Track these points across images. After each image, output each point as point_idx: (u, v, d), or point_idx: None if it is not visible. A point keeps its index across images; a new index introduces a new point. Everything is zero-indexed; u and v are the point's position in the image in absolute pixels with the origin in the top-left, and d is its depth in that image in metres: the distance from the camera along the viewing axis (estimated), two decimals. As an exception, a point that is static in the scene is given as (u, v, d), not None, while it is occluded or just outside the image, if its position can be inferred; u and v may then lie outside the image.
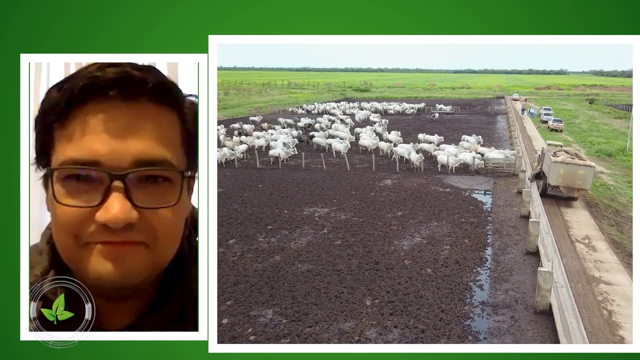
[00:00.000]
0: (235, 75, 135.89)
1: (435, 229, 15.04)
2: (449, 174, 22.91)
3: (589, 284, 11.41)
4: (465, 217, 16.30)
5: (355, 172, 23.75)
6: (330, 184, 21.07)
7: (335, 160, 26.68)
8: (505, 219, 16.32)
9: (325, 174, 23.31)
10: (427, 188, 20.38)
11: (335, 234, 14.53)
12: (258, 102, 68.75)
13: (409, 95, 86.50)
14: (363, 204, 17.87)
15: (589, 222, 16.27)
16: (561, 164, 17.48)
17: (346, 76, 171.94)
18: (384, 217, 16.17)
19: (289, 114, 53.59)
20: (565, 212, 17.30)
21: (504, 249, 13.47)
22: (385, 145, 27.89)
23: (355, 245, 13.58)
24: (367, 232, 14.67)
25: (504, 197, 19.14)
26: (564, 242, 14.17)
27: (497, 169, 23.11)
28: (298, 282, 11.20)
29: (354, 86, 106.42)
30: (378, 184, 21.19)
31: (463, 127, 41.32)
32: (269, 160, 25.82)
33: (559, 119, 42.37)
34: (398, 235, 14.41)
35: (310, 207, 17.53)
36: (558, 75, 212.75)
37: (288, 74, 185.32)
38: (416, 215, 16.35)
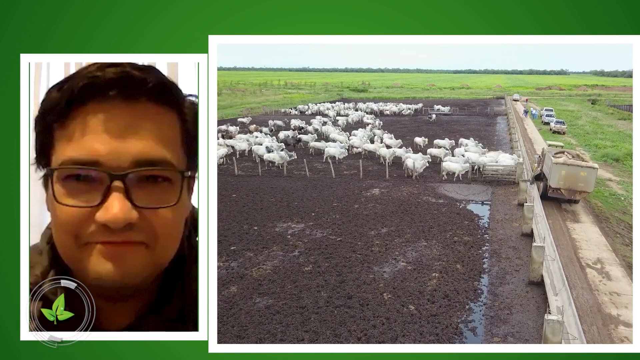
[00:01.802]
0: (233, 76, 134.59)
1: (423, 250, 13.27)
2: (443, 182, 21.30)
3: (606, 326, 9.63)
4: (459, 234, 14.56)
5: (341, 179, 22.04)
6: (312, 194, 19.35)
7: (321, 166, 24.67)
8: (504, 237, 14.54)
9: (307, 181, 21.56)
10: (418, 199, 18.70)
11: (306, 257, 12.74)
12: (251, 102, 66.96)
13: (407, 96, 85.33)
14: (344, 218, 16.15)
15: (600, 240, 14.54)
16: (562, 165, 16.88)
17: (345, 76, 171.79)
18: (366, 235, 14.47)
19: (281, 115, 51.85)
20: (572, 228, 15.58)
21: (503, 277, 11.72)
22: (387, 152, 25.03)
23: (327, 272, 11.78)
24: (343, 254, 12.93)
25: (503, 210, 17.48)
26: (573, 267, 12.49)
27: (496, 177, 21.66)
28: (250, 325, 9.34)
29: (351, 86, 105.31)
30: (364, 193, 19.47)
31: (461, 129, 39.64)
32: (250, 166, 24.09)
33: (561, 121, 41.17)
34: (379, 259, 12.60)
35: (284, 221, 15.81)
36: (559, 76, 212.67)
37: (288, 74, 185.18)
38: (403, 233, 14.60)
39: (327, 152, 25.93)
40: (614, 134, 38.53)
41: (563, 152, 18.61)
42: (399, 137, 31.63)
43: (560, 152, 18.58)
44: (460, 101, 74.68)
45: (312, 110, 56.13)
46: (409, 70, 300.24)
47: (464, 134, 34.71)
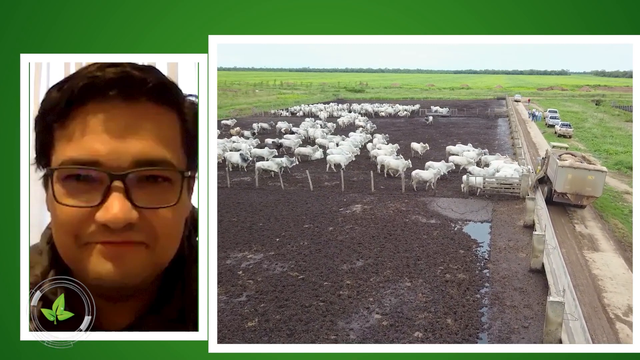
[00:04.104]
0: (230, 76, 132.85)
1: (406, 294, 10.59)
2: (436, 196, 18.73)
3: None
4: (452, 270, 11.86)
5: (319, 192, 19.31)
6: (282, 212, 16.72)
7: (300, 175, 21.69)
8: (508, 273, 11.82)
9: (281, 195, 18.91)
10: (406, 217, 15.93)
11: (253, 306, 10.07)
12: (242, 103, 63.99)
13: (405, 96, 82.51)
14: (313, 245, 13.44)
15: (627, 277, 11.73)
16: (569, 168, 15.85)
17: (344, 77, 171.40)
18: (336, 270, 11.83)
19: (270, 117, 49.23)
20: (591, 260, 12.88)
21: (507, 336, 9.07)
22: (400, 164, 21.28)
23: (275, 330, 9.17)
24: (302, 301, 10.26)
25: (507, 234, 14.62)
26: (598, 320, 9.86)
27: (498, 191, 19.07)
28: None
29: (348, 86, 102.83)
30: (343, 211, 16.78)
31: (459, 133, 36.94)
32: (220, 176, 20.37)
33: (567, 123, 38.58)
34: (347, 309, 9.94)
35: (240, 250, 13.21)
36: (560, 76, 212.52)
37: (287, 74, 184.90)
38: (382, 268, 11.95)
39: (330, 160, 23.16)
40: (625, 138, 35.85)
41: (568, 154, 17.80)
42: (393, 140, 29.45)
43: (565, 154, 17.76)
44: (460, 102, 72.52)
45: (304, 111, 53.58)
46: (409, 70, 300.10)
47: (463, 137, 32.92)
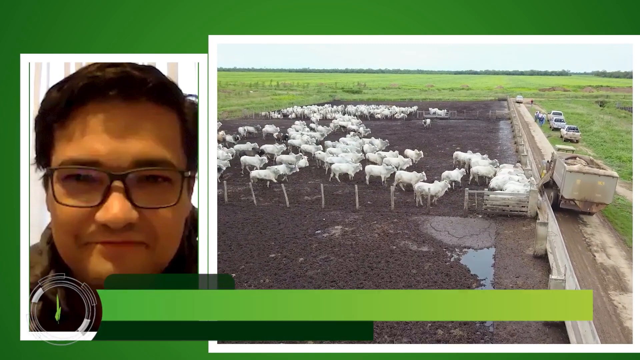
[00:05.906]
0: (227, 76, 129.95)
1: None
2: (430, 214, 15.72)
3: None
4: (446, 324, 9.26)
5: (296, 209, 16.61)
6: (247, 236, 13.86)
7: (277, 189, 18.46)
8: (517, 328, 9.25)
9: (252, 213, 16.17)
10: (393, 244, 13.21)
11: None
12: (233, 105, 60.36)
13: (404, 97, 78.73)
14: (276, 284, 10.83)
15: None
16: (577, 173, 14.83)
17: (344, 77, 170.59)
18: None
19: (261, 119, 46.53)
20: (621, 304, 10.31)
21: None
22: (413, 177, 18.48)
23: None
24: None
25: (514, 267, 11.95)
26: None
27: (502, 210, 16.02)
28: None
29: (345, 87, 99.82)
30: (320, 235, 13.99)
31: (458, 137, 34.23)
32: None
33: (574, 127, 35.67)
34: None
35: None
36: (561, 76, 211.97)
37: (287, 74, 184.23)
38: None
39: (335, 169, 20.39)
40: None
41: (575, 158, 16.90)
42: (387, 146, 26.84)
43: (572, 158, 16.86)
44: (460, 103, 69.55)
45: (297, 113, 50.34)
46: (409, 70, 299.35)
47: (462, 142, 30.96)
